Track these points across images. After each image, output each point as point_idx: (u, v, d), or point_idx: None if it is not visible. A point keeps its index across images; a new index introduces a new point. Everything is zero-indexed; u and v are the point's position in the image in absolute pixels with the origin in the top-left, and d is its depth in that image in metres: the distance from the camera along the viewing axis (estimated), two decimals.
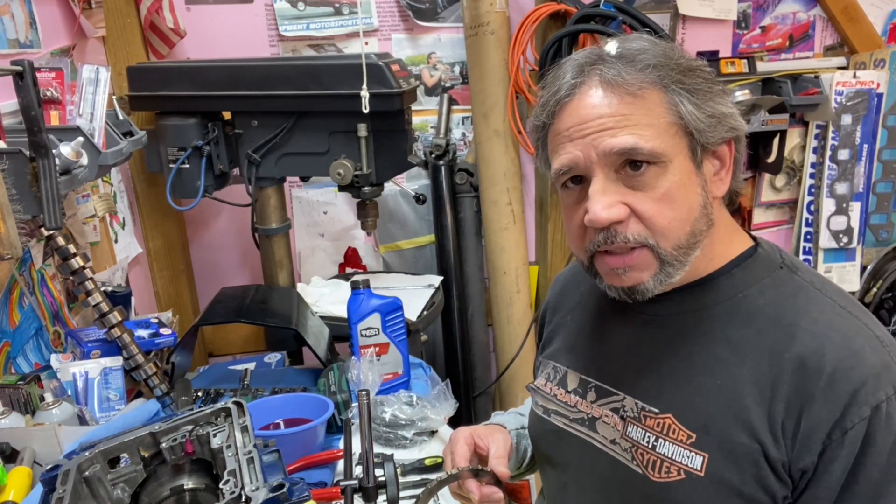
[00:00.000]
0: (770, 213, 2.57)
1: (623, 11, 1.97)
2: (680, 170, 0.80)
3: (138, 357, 1.39)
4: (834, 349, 0.77)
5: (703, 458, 0.80)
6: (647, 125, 0.78)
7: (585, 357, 0.97)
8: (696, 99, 0.80)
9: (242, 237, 2.15)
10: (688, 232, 0.81)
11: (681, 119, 0.79)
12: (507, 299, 2.24)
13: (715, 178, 0.84)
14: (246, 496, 0.72)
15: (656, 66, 0.79)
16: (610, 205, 0.79)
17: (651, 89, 0.79)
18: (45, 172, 1.08)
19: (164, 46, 1.91)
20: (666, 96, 0.79)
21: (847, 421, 0.74)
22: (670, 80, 0.79)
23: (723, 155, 0.85)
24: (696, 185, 0.81)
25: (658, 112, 0.79)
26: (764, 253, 0.88)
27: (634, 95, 0.79)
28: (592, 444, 0.91)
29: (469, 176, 2.25)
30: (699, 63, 0.83)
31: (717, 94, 0.82)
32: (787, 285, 0.84)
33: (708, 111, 0.80)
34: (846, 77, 2.35)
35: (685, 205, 0.80)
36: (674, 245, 0.81)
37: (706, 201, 0.82)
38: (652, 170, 0.79)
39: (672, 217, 0.80)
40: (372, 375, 1.39)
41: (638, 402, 0.87)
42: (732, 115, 0.83)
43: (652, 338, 0.89)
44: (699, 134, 0.80)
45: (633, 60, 0.80)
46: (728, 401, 0.80)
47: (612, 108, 0.79)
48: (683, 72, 0.80)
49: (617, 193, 0.80)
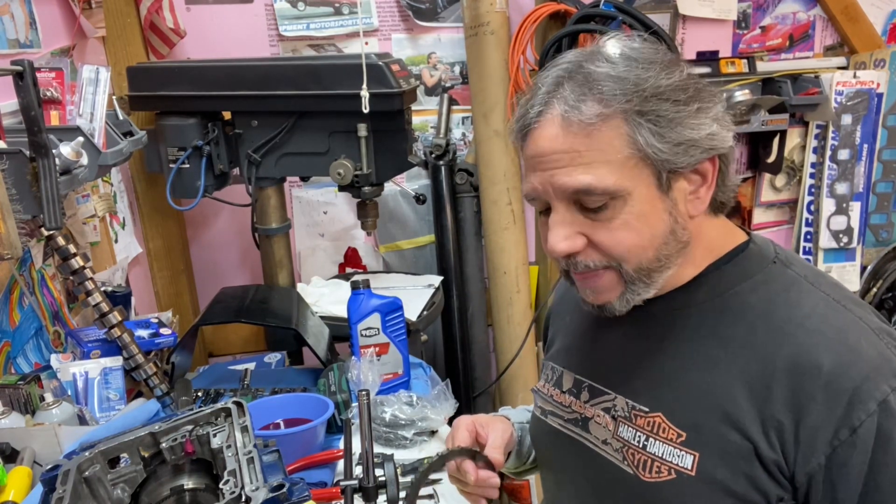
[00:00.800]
0: (770, 213, 2.57)
1: (623, 11, 1.97)
2: (641, 200, 0.78)
3: (138, 357, 1.39)
4: (829, 345, 0.75)
5: (694, 457, 0.79)
6: (603, 162, 0.76)
7: (579, 357, 0.97)
8: (660, 128, 0.76)
9: (242, 237, 2.15)
10: (650, 257, 0.80)
11: (639, 151, 0.76)
12: (507, 299, 2.24)
13: (692, 197, 0.81)
14: (246, 496, 0.72)
15: (618, 94, 0.75)
16: (566, 237, 0.80)
17: (608, 123, 0.76)
18: (45, 172, 1.08)
19: (164, 46, 1.91)
20: (624, 127, 0.76)
21: (853, 418, 0.72)
22: (630, 111, 0.75)
23: (704, 171, 0.81)
24: (660, 212, 0.79)
25: (615, 146, 0.76)
26: (756, 248, 0.86)
27: (589, 131, 0.76)
28: (585, 444, 0.91)
29: (469, 176, 2.25)
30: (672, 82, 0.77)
31: (690, 116, 0.77)
32: (779, 280, 0.83)
33: (673, 139, 0.76)
34: (846, 77, 2.35)
35: (646, 232, 0.79)
36: (635, 267, 0.80)
37: (674, 226, 0.80)
38: (610, 203, 0.77)
39: (631, 244, 0.79)
40: (372, 375, 1.39)
41: (629, 402, 0.86)
42: (709, 136, 0.78)
43: (642, 336, 0.88)
44: (661, 164, 0.77)
45: (593, 88, 0.76)
46: (718, 399, 0.79)
47: (566, 145, 0.77)
48: (646, 99, 0.76)
49: (574, 224, 0.80)
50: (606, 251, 0.80)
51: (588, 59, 0.80)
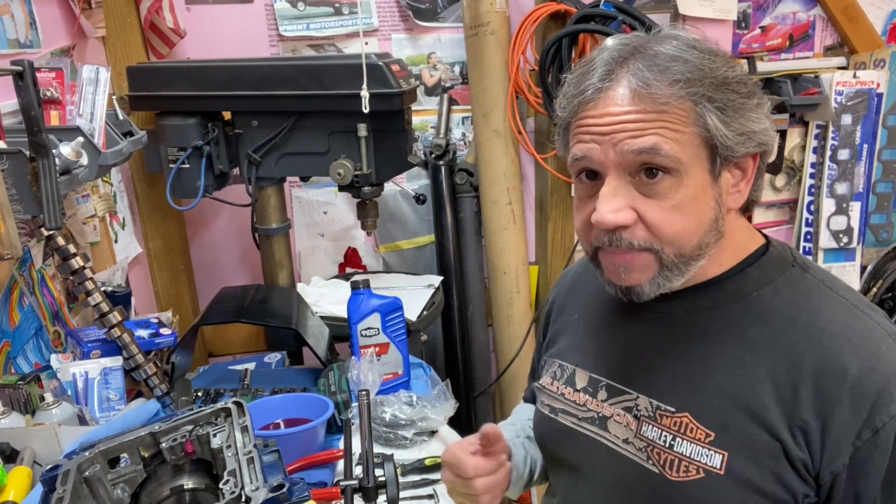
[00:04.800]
0: (770, 213, 2.57)
1: (623, 11, 1.96)
2: (695, 182, 0.79)
3: (138, 357, 1.39)
4: (854, 350, 0.77)
5: (723, 456, 0.80)
6: (672, 132, 0.77)
7: (595, 355, 0.97)
8: (726, 116, 0.78)
9: (242, 237, 2.15)
10: (694, 244, 0.81)
11: (707, 132, 0.78)
12: (507, 299, 2.24)
13: (733, 190, 0.83)
14: (246, 496, 0.72)
15: (687, 80, 0.77)
16: (618, 209, 0.79)
17: (679, 103, 0.77)
18: (45, 172, 1.08)
19: (164, 46, 1.91)
20: (694, 110, 0.77)
21: (876, 420, 0.75)
22: (700, 97, 0.77)
23: (746, 166, 0.83)
24: (710, 199, 0.80)
25: (684, 122, 0.77)
26: (776, 251, 0.88)
27: (661, 106, 0.77)
28: (604, 443, 0.91)
29: (469, 176, 2.25)
30: (736, 74, 0.80)
31: (751, 110, 0.80)
32: (800, 284, 0.85)
33: (737, 128, 0.79)
34: (846, 77, 2.35)
35: (695, 217, 0.80)
36: (677, 253, 0.80)
37: (718, 215, 0.81)
38: (667, 179, 0.78)
39: (680, 228, 0.79)
40: (372, 375, 1.39)
41: (652, 402, 0.87)
42: (764, 130, 0.81)
43: (665, 336, 0.88)
44: (724, 149, 0.79)
45: (664, 70, 0.77)
46: (745, 399, 0.80)
47: (636, 114, 0.77)
48: (716, 87, 0.78)
49: (627, 197, 0.79)
50: (656, 230, 0.79)
51: (653, 41, 0.81)
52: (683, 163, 0.77)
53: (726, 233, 0.84)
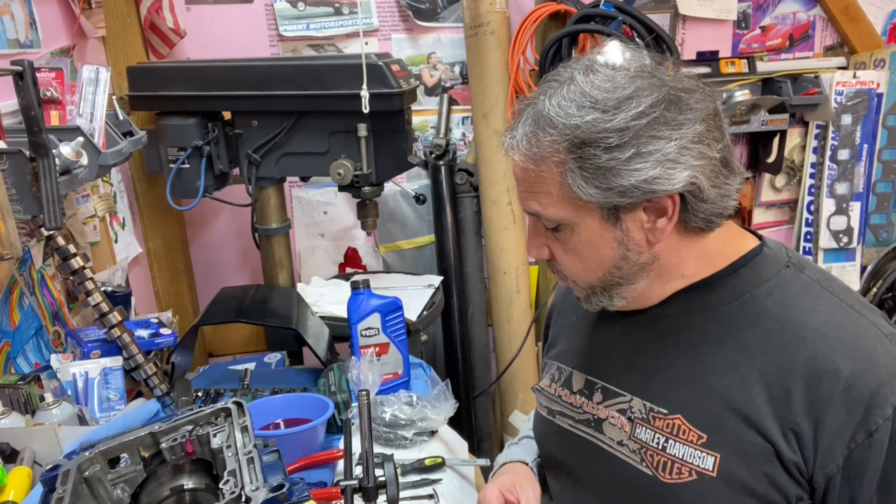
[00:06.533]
0: (770, 213, 2.57)
1: (623, 11, 1.97)
2: (587, 230, 0.83)
3: (138, 357, 1.39)
4: (847, 352, 0.77)
5: (715, 458, 0.80)
6: (546, 194, 0.83)
7: (590, 358, 0.97)
8: (591, 175, 0.78)
9: (242, 237, 2.15)
10: (599, 278, 0.86)
11: (573, 193, 0.80)
12: (507, 299, 2.24)
13: (650, 226, 0.82)
14: (246, 496, 0.72)
15: (554, 142, 0.79)
16: (535, 246, 0.90)
17: (546, 164, 0.81)
18: (45, 172, 1.08)
19: (164, 46, 1.91)
20: (557, 171, 0.80)
21: (871, 423, 0.75)
22: (565, 159, 0.79)
23: (661, 206, 0.80)
24: (609, 241, 0.83)
25: (551, 184, 0.82)
26: (770, 252, 0.88)
27: (535, 166, 0.82)
28: (599, 445, 0.91)
29: (469, 176, 2.25)
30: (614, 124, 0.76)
31: (622, 163, 0.77)
32: (794, 285, 0.84)
33: (604, 185, 0.78)
34: (846, 77, 2.35)
35: (594, 259, 0.85)
36: (586, 284, 0.88)
37: (626, 252, 0.83)
38: (562, 227, 0.85)
39: (580, 268, 0.87)
40: (372, 375, 1.39)
41: (646, 404, 0.87)
42: (647, 180, 0.77)
43: (658, 339, 0.89)
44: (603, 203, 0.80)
45: (543, 129, 0.81)
46: (737, 401, 0.80)
47: (523, 173, 0.84)
48: (581, 146, 0.77)
49: (543, 236, 0.89)
50: (562, 268, 0.90)
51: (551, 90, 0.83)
52: (566, 219, 0.83)
53: (672, 254, 0.84)
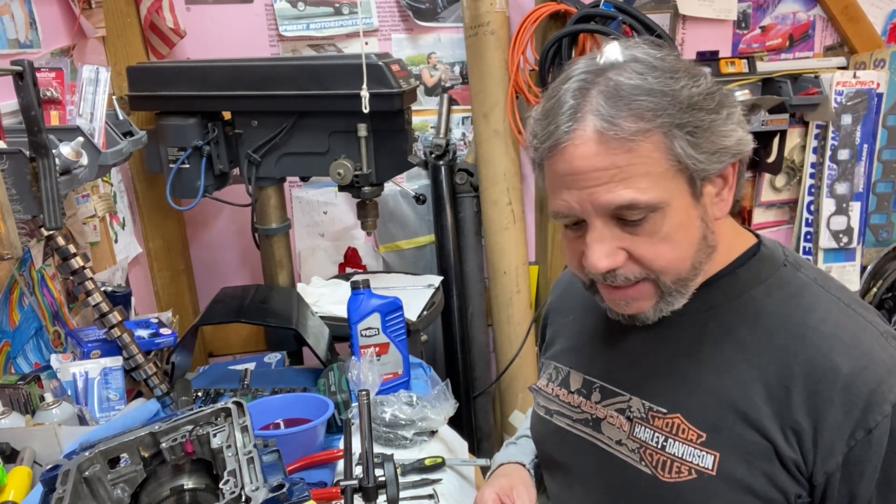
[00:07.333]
0: (770, 213, 2.57)
1: (623, 11, 1.97)
2: (679, 210, 0.77)
3: (138, 357, 1.39)
4: (846, 350, 0.77)
5: (715, 456, 0.80)
6: (644, 175, 0.75)
7: (589, 357, 0.97)
8: (697, 139, 0.75)
9: (242, 237, 2.15)
10: (688, 266, 0.80)
11: (679, 162, 0.76)
12: (507, 299, 2.24)
13: (717, 199, 0.82)
14: (246, 496, 0.72)
15: (654, 109, 0.74)
16: (608, 254, 0.78)
17: (647, 137, 0.74)
18: (45, 172, 1.08)
19: (164, 46, 1.91)
20: (664, 142, 0.75)
21: (870, 420, 0.75)
22: (668, 125, 0.74)
23: (726, 174, 0.81)
24: (695, 220, 0.79)
25: (655, 159, 0.75)
26: (767, 251, 0.88)
27: (629, 146, 0.74)
28: (597, 444, 0.91)
29: (469, 176, 2.25)
30: (701, 90, 0.76)
31: (721, 124, 0.77)
32: (791, 284, 0.85)
33: (709, 148, 0.76)
34: (846, 77, 2.35)
35: (685, 242, 0.79)
36: (674, 279, 0.80)
37: (706, 231, 0.80)
38: (650, 217, 0.76)
39: (672, 257, 0.79)
40: (372, 375, 1.39)
41: (645, 403, 0.87)
42: (738, 139, 0.78)
43: (657, 338, 0.89)
44: (698, 172, 0.77)
45: (629, 102, 0.74)
46: (737, 400, 0.80)
47: (606, 162, 0.75)
48: (683, 110, 0.74)
49: (615, 239, 0.78)
50: (648, 264, 0.79)
51: (612, 69, 0.77)
52: (663, 200, 0.76)
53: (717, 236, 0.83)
